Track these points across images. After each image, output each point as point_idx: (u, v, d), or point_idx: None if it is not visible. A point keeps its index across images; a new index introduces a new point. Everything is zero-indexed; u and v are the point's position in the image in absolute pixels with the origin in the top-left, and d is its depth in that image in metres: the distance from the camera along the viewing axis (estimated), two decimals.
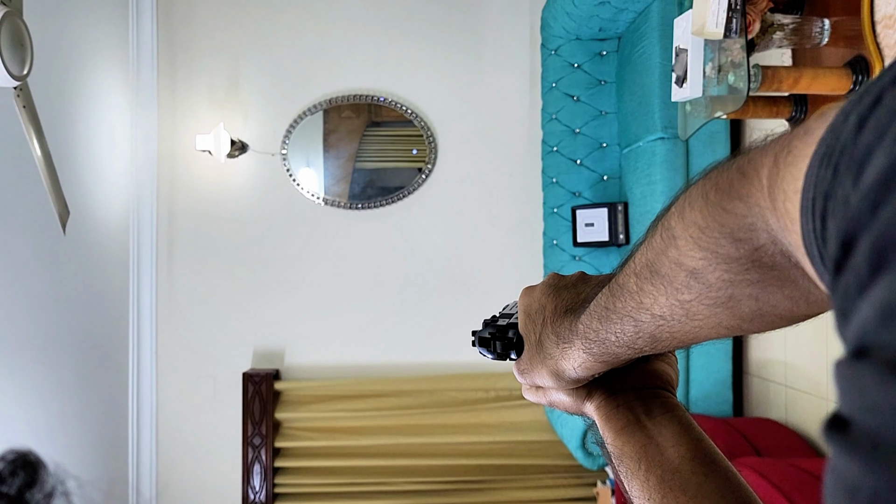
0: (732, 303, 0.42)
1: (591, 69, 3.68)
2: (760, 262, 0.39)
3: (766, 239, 0.38)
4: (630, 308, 0.47)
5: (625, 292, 0.48)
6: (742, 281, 0.40)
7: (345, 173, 4.00)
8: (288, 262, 3.95)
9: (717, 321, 0.43)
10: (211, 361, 3.93)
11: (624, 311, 0.48)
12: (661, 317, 0.46)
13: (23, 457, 0.42)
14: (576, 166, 3.67)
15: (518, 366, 0.60)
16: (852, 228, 0.25)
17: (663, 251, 0.44)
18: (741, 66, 2.22)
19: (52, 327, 3.10)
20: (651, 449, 0.53)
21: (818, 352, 2.66)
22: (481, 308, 3.89)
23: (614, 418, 0.56)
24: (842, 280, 0.26)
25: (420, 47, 3.99)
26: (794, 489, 2.07)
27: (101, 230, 3.58)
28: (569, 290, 0.59)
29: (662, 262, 0.44)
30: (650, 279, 0.45)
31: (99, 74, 3.58)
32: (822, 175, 0.29)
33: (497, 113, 3.98)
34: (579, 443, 3.24)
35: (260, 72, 3.98)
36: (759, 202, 0.37)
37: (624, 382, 0.58)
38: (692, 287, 0.42)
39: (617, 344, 0.50)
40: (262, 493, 3.74)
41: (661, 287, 0.44)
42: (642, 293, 0.46)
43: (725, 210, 0.39)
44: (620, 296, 0.48)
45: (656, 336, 0.47)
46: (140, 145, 3.93)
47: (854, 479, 0.22)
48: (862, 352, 0.23)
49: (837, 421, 0.24)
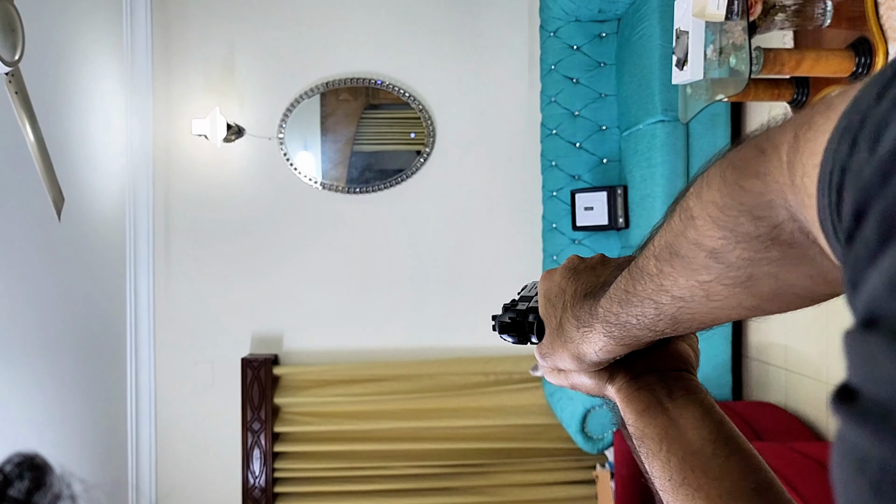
0: (752, 282, 0.42)
1: (591, 51, 3.64)
2: (779, 240, 0.39)
3: (784, 216, 0.37)
4: (650, 290, 0.47)
5: (644, 275, 0.47)
6: (761, 259, 0.40)
7: (342, 157, 3.97)
8: (286, 247, 3.94)
9: (736, 301, 0.43)
10: (209, 347, 3.92)
11: (644, 293, 0.48)
12: (681, 298, 0.45)
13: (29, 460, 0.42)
14: (575, 149, 3.65)
15: (540, 349, 0.61)
16: (864, 198, 0.26)
17: (682, 232, 0.44)
18: (743, 49, 2.19)
19: (47, 315, 3.09)
20: (672, 431, 0.53)
21: (818, 335, 2.66)
22: (480, 291, 3.90)
23: (636, 400, 0.57)
24: (852, 251, 0.26)
25: (417, 29, 3.94)
26: (794, 473, 2.07)
27: (97, 216, 3.56)
28: (588, 273, 0.59)
29: (681, 244, 0.44)
30: (669, 261, 0.45)
31: (93, 59, 3.54)
32: (840, 148, 0.28)
33: (495, 95, 3.95)
34: (579, 426, 3.25)
35: (256, 55, 3.94)
36: (778, 178, 0.36)
37: (645, 364, 0.59)
38: (711, 267, 0.42)
39: (638, 327, 0.50)
40: (261, 477, 3.75)
41: (680, 268, 0.44)
42: (662, 275, 0.46)
43: (743, 188, 0.39)
44: (640, 279, 0.48)
45: (677, 318, 0.47)
46: (135, 130, 3.90)
47: (862, 450, 0.22)
48: (871, 322, 0.23)
49: (846, 391, 0.24)
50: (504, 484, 3.70)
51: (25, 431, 2.86)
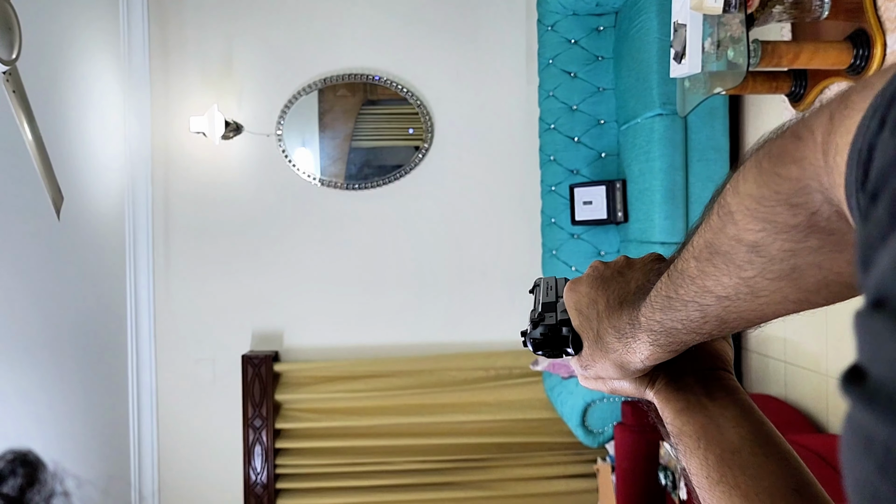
0: (797, 274, 0.41)
1: (589, 45, 3.64)
2: (818, 228, 0.39)
3: (820, 201, 0.37)
4: (693, 293, 0.47)
5: (685, 278, 0.47)
6: (803, 249, 0.40)
7: (341, 153, 3.97)
8: (285, 243, 3.94)
9: (782, 295, 0.43)
10: (210, 344, 3.92)
11: (687, 297, 0.47)
12: (725, 298, 0.45)
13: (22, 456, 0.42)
14: (573, 143, 3.65)
15: (580, 361, 0.60)
16: (881, 178, 0.26)
17: (721, 229, 0.43)
18: (740, 42, 2.19)
19: (48, 314, 3.09)
20: (711, 429, 0.54)
21: (817, 328, 2.66)
22: (479, 286, 3.90)
23: (675, 399, 0.57)
24: (865, 230, 0.26)
25: (415, 24, 3.94)
26: None
27: (97, 215, 3.56)
28: (616, 280, 0.58)
29: (722, 241, 0.43)
30: (711, 260, 0.44)
31: (90, 57, 3.53)
32: (871, 125, 0.28)
33: (493, 90, 3.95)
34: (579, 420, 3.25)
35: (253, 52, 3.93)
36: (813, 161, 0.36)
37: (684, 365, 0.59)
38: (754, 262, 0.42)
39: (684, 331, 0.50)
40: (263, 474, 3.76)
41: (722, 267, 0.44)
42: (704, 275, 0.45)
43: (780, 175, 0.39)
44: (681, 282, 0.48)
45: (723, 318, 0.47)
46: (133, 128, 3.89)
47: (869, 431, 0.22)
48: (879, 303, 0.23)
49: (855, 372, 0.24)
50: (505, 478, 3.71)
51: (27, 430, 2.86)
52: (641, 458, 2.77)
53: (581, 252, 3.66)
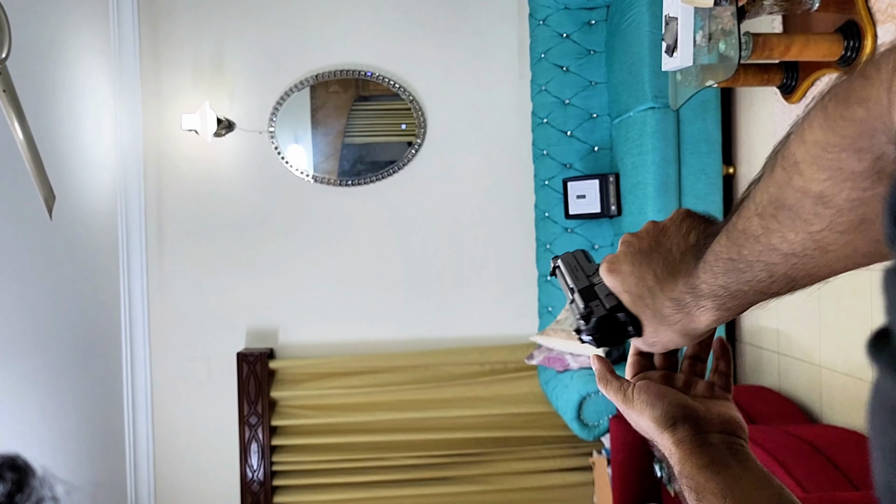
0: (865, 225, 0.40)
1: (580, 39, 3.64)
2: (885, 174, 0.38)
3: (884, 143, 0.37)
4: (758, 252, 0.46)
5: (748, 237, 0.46)
6: (871, 198, 0.39)
7: (334, 150, 3.97)
8: (279, 240, 3.93)
9: (852, 248, 0.42)
10: (204, 343, 3.92)
11: (751, 257, 0.47)
12: (793, 255, 0.44)
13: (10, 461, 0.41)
14: (566, 138, 3.65)
15: (646, 340, 0.61)
16: None
17: (787, 182, 0.42)
18: (732, 34, 2.19)
19: (41, 315, 3.08)
20: (738, 489, 0.55)
21: (809, 319, 2.68)
22: (474, 281, 3.90)
23: (698, 454, 0.58)
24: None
25: (407, 19, 3.93)
26: (787, 456, 2.09)
27: (89, 213, 3.55)
28: (656, 250, 0.58)
29: (787, 194, 0.42)
30: (775, 216, 0.44)
31: (80, 56, 3.52)
32: None
33: (486, 85, 3.94)
34: (575, 414, 3.26)
35: (244, 49, 3.92)
36: (878, 100, 0.36)
37: (709, 424, 0.60)
38: (821, 215, 0.41)
39: (752, 293, 0.49)
40: (260, 471, 3.76)
41: (788, 222, 0.43)
42: (769, 233, 0.45)
43: (844, 118, 0.38)
44: (745, 243, 0.47)
45: (791, 276, 0.46)
46: (125, 126, 3.88)
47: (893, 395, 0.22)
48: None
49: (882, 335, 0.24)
50: (501, 472, 3.72)
51: (21, 433, 2.85)
52: (637, 450, 2.78)
53: (575, 246, 3.67)
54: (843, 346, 2.49)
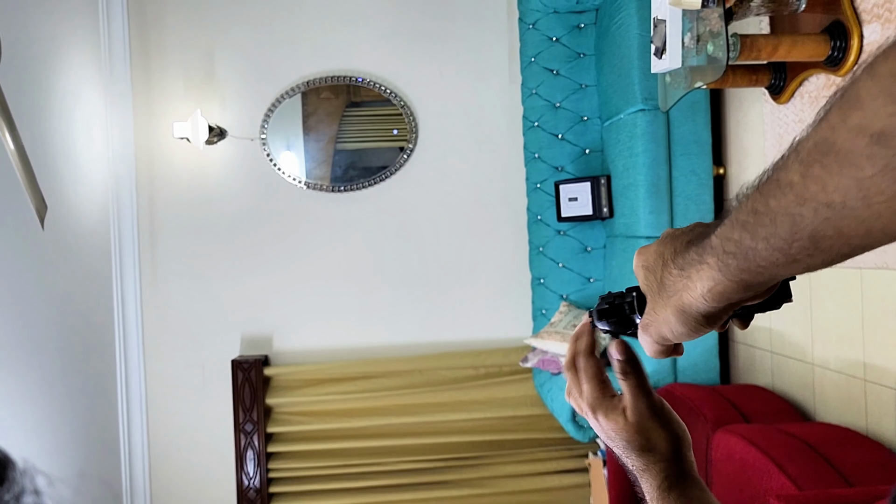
0: None
1: (570, 42, 3.66)
2: None
3: None
4: (788, 203, 0.43)
5: (782, 187, 0.43)
6: None
7: (326, 156, 3.97)
8: (272, 248, 3.93)
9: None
10: (199, 350, 3.91)
11: (779, 208, 0.43)
12: (829, 205, 0.40)
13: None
14: (557, 141, 3.67)
15: (643, 321, 0.59)
16: None
17: (842, 121, 0.39)
18: (720, 36, 2.21)
19: (35, 324, 3.07)
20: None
21: (802, 317, 2.69)
22: (467, 285, 3.90)
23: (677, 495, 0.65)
24: None
25: (397, 25, 3.94)
26: (782, 454, 2.10)
27: (81, 222, 3.54)
28: (685, 233, 0.56)
29: (839, 135, 0.39)
30: (821, 161, 0.40)
31: (71, 66, 3.51)
32: None
33: (476, 89, 3.96)
34: (570, 415, 3.27)
35: (235, 57, 3.92)
36: None
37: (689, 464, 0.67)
38: (876, 157, 0.38)
39: (763, 254, 0.46)
40: (256, 478, 3.75)
41: (835, 167, 0.39)
42: (807, 179, 0.41)
43: None
44: (776, 192, 0.44)
45: (818, 235, 0.42)
46: (116, 135, 3.87)
47: None
48: None
49: None
50: (497, 475, 3.72)
51: (15, 440, 2.84)
52: None
53: (567, 248, 3.68)
54: (836, 345, 2.50)
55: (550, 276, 3.70)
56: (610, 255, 3.57)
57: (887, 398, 2.23)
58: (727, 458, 2.27)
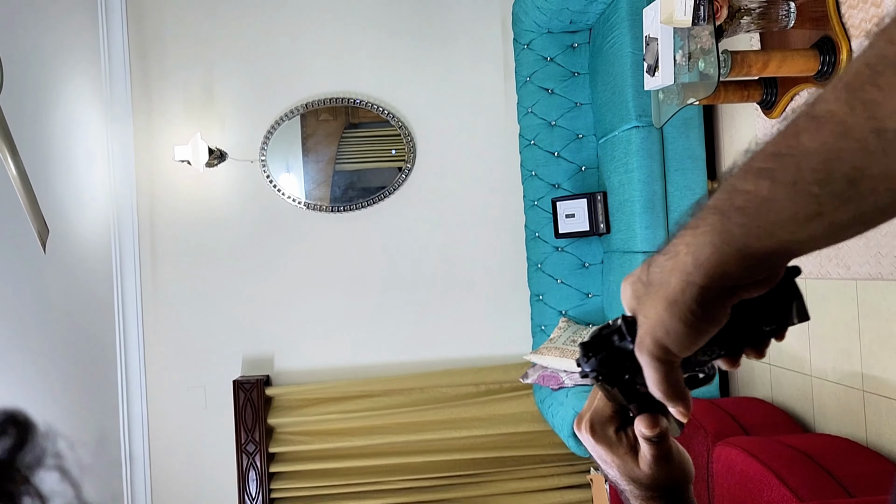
0: None
1: (564, 61, 3.70)
2: None
3: None
4: (825, 136, 0.36)
5: (818, 119, 0.36)
6: None
7: (325, 176, 4.00)
8: (272, 268, 3.95)
9: None
10: (200, 371, 3.92)
11: (811, 144, 0.37)
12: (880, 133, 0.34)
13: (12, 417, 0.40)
14: (554, 158, 3.70)
15: (637, 339, 0.49)
16: None
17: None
18: (711, 53, 2.25)
19: (37, 347, 3.08)
20: None
21: (800, 329, 2.71)
22: (467, 303, 3.92)
23: None
24: None
25: (392, 47, 3.99)
26: (782, 466, 2.10)
27: (83, 246, 3.56)
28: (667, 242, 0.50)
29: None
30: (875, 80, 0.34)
31: (72, 91, 3.56)
32: None
33: (473, 109, 4.00)
34: (570, 431, 3.27)
35: (234, 80, 3.97)
36: None
37: None
38: None
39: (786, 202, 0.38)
40: (258, 499, 3.74)
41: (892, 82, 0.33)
42: (854, 106, 0.35)
43: None
44: (809, 127, 0.37)
45: (857, 176, 0.35)
46: (117, 159, 3.91)
47: None
48: None
49: None
50: (500, 493, 3.71)
51: None
52: None
53: (566, 265, 3.70)
54: (833, 356, 2.52)
55: (549, 293, 3.72)
56: (608, 271, 3.59)
57: (886, 408, 2.24)
58: (728, 471, 2.28)
